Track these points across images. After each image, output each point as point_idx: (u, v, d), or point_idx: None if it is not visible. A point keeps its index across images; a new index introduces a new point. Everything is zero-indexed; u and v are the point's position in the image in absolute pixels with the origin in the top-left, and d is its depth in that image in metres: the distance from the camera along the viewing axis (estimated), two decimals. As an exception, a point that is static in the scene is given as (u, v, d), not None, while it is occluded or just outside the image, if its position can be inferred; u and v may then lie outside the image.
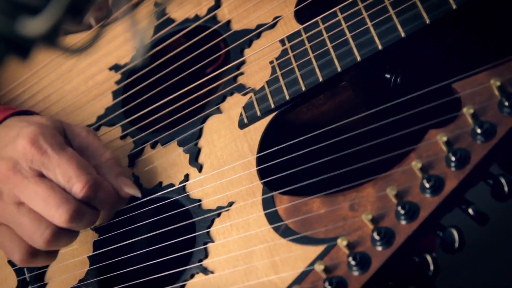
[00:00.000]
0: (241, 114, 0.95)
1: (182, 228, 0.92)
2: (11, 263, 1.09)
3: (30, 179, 0.90)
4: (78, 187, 0.90)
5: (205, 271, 0.86)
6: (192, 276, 0.87)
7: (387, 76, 0.91)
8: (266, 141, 0.91)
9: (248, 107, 0.95)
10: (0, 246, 0.96)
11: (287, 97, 0.91)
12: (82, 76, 1.15)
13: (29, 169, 0.90)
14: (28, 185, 0.90)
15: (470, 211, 0.71)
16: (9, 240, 0.93)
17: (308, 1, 0.96)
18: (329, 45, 0.90)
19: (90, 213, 0.92)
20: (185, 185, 0.95)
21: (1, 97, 1.19)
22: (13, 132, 0.93)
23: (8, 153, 0.91)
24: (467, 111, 0.71)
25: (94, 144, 0.97)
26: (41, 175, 0.90)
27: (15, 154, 0.91)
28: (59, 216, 0.89)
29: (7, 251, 0.95)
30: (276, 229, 0.82)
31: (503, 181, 0.70)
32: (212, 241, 0.88)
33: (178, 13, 1.11)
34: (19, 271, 1.07)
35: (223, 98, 0.98)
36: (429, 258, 0.71)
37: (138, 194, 0.96)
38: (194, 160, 0.96)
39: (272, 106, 0.92)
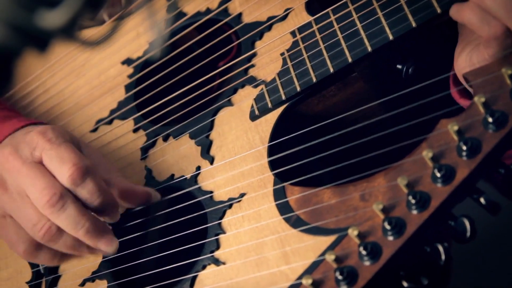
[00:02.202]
0: (252, 106, 0.95)
1: (194, 219, 0.92)
2: (25, 255, 1.10)
3: (26, 164, 0.89)
4: (65, 169, 0.86)
5: (217, 262, 0.86)
6: (204, 267, 0.87)
7: (399, 66, 0.91)
8: (277, 132, 0.91)
9: (259, 99, 0.95)
10: (5, 238, 0.95)
11: (298, 89, 0.91)
12: (95, 70, 1.16)
13: (30, 154, 0.90)
14: (23, 169, 0.88)
15: (482, 200, 0.71)
16: (14, 231, 0.92)
17: (319, -7, 0.96)
18: (340, 36, 0.90)
19: (74, 205, 0.87)
20: (197, 177, 0.95)
21: (17, 91, 1.20)
22: (27, 130, 0.95)
23: (15, 140, 0.92)
24: (478, 100, 0.71)
25: (106, 162, 0.97)
26: (40, 162, 0.89)
27: (21, 143, 0.91)
28: (40, 199, 0.86)
29: (12, 242, 0.93)
30: (287, 220, 0.82)
31: (515, 169, 0.69)
32: (224, 233, 0.88)
33: (189, 7, 1.11)
34: (33, 264, 1.08)
35: (234, 91, 0.98)
36: (440, 247, 0.70)
37: (157, 197, 0.95)
38: (206, 152, 0.96)
39: (283, 97, 0.92)
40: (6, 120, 1.01)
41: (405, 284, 0.72)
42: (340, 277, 0.71)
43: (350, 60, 0.88)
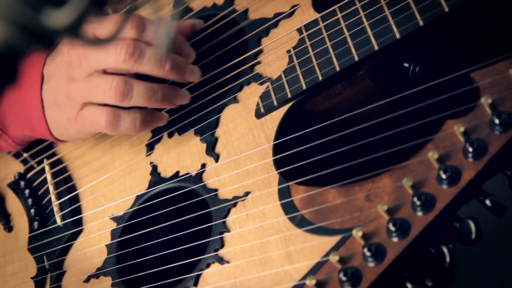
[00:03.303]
0: (258, 104, 0.94)
1: (199, 217, 0.92)
2: (31, 250, 1.10)
3: (88, 46, 0.90)
4: (128, 25, 0.92)
5: (221, 260, 0.86)
6: (208, 265, 0.87)
7: (406, 65, 0.90)
8: (282, 130, 0.91)
9: (265, 96, 0.94)
10: (88, 126, 0.98)
11: (304, 87, 0.91)
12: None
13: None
14: (88, 52, 0.93)
15: (488, 202, 0.70)
16: (92, 112, 0.96)
17: (326, -10, 0.95)
18: (347, 34, 0.89)
19: (149, 48, 0.92)
20: (201, 174, 0.95)
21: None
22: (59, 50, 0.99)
23: (62, 44, 0.97)
24: (485, 101, 0.70)
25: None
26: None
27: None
28: (117, 56, 0.91)
29: (94, 122, 0.96)
30: (291, 219, 0.82)
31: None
32: (228, 231, 0.88)
33: (196, 2, 1.11)
34: (38, 259, 1.08)
35: (240, 88, 0.98)
36: (445, 249, 0.70)
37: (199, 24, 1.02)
38: (211, 149, 0.96)
39: (289, 95, 0.92)
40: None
41: (409, 285, 0.71)
42: (344, 278, 0.71)
43: (356, 58, 0.87)
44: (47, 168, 1.14)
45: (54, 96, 0.99)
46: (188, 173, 0.97)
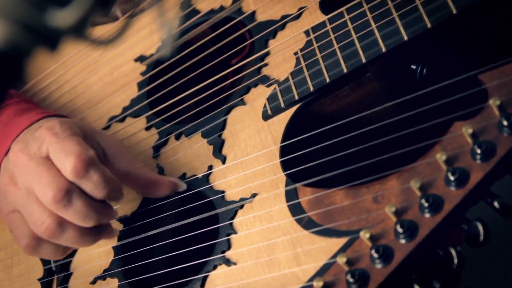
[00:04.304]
0: (265, 106, 0.94)
1: (206, 219, 0.92)
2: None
3: (33, 160, 0.89)
4: (70, 162, 0.85)
5: (228, 262, 0.86)
6: (215, 267, 0.87)
7: (413, 67, 0.90)
8: (290, 132, 0.91)
9: (272, 98, 0.94)
10: (12, 232, 0.95)
11: (311, 89, 0.91)
12: (108, 67, 1.16)
13: (37, 150, 0.90)
14: (30, 165, 0.88)
15: (496, 204, 0.70)
16: (19, 226, 0.92)
17: (333, -8, 0.95)
18: (354, 36, 0.89)
19: (80, 198, 0.87)
20: (208, 176, 0.95)
21: (29, 88, 1.20)
22: (39, 125, 0.95)
23: (25, 137, 0.93)
24: (493, 102, 0.70)
25: (123, 149, 0.97)
26: (47, 158, 0.89)
27: (30, 139, 0.92)
28: (46, 194, 0.85)
29: (17, 236, 0.94)
30: (299, 221, 0.82)
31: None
32: (235, 233, 0.88)
33: (203, 4, 1.11)
34: (45, 261, 1.08)
35: (247, 90, 0.98)
36: (453, 251, 0.70)
37: (182, 187, 0.96)
38: (218, 151, 0.96)
39: (296, 97, 0.92)
40: (24, 113, 1.01)
41: (417, 287, 0.71)
42: (351, 280, 0.71)
43: (364, 60, 0.87)
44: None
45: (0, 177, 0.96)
46: (195, 175, 0.97)
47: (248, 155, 0.92)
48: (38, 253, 0.94)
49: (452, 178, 0.70)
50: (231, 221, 0.89)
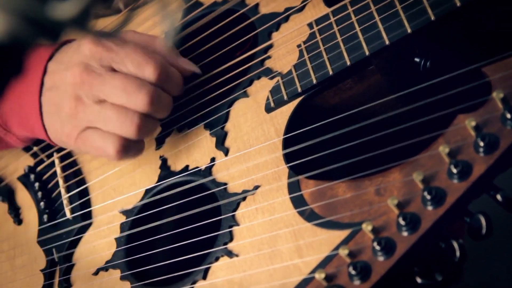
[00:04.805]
0: (268, 98, 0.94)
1: (208, 211, 0.92)
2: (40, 243, 1.11)
3: (104, 75, 0.94)
4: (150, 70, 0.93)
5: (230, 254, 0.86)
6: (217, 259, 0.87)
7: (417, 60, 0.90)
8: (292, 125, 0.90)
9: (275, 91, 0.94)
10: (90, 149, 0.98)
11: (314, 81, 0.91)
12: (111, 60, 1.16)
13: (100, 66, 0.95)
14: (104, 81, 0.94)
15: (499, 197, 0.70)
16: (100, 138, 0.96)
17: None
18: (357, 29, 0.89)
19: (166, 96, 0.95)
20: (211, 168, 0.95)
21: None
22: (74, 45, 0.99)
23: (76, 59, 0.97)
24: (497, 95, 0.70)
25: (143, 36, 1.00)
26: (113, 70, 0.95)
27: (83, 58, 0.96)
28: (140, 100, 0.92)
29: (100, 149, 0.96)
30: (301, 213, 0.82)
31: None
32: (237, 225, 0.88)
33: (206, -4, 1.11)
34: (48, 252, 1.08)
35: (250, 82, 0.98)
36: (455, 244, 0.70)
37: (197, 70, 1.00)
38: (221, 143, 0.96)
39: (299, 90, 0.92)
40: (36, 48, 1.02)
41: (418, 280, 0.71)
42: (353, 272, 0.71)
43: (367, 53, 0.87)
44: (57, 161, 1.14)
45: (56, 108, 0.99)
46: (197, 167, 0.97)
47: (251, 147, 0.92)
48: (127, 154, 0.97)
49: (455, 170, 0.70)
50: (233, 213, 0.89)
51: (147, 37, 1.00)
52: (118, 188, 1.06)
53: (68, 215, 1.09)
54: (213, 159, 0.96)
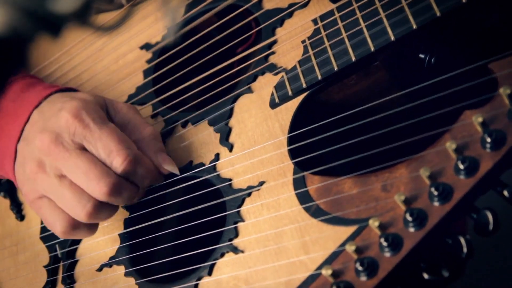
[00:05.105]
0: (272, 94, 0.94)
1: (213, 207, 0.92)
2: (43, 239, 1.10)
3: (71, 152, 0.91)
4: (118, 161, 0.91)
5: (235, 250, 0.86)
6: (222, 255, 0.87)
7: (421, 56, 0.90)
8: (297, 121, 0.90)
9: (279, 86, 0.94)
10: (42, 218, 0.97)
11: (319, 77, 0.91)
12: (113, 55, 1.16)
13: (71, 141, 0.92)
14: (70, 158, 0.91)
15: (506, 193, 0.70)
16: (51, 212, 0.94)
17: (341, -20, 0.95)
18: (363, 25, 0.89)
19: (129, 188, 0.93)
20: (215, 164, 0.95)
21: (33, 75, 1.20)
22: (57, 106, 0.96)
23: (51, 126, 0.94)
24: (503, 91, 0.70)
25: (135, 119, 0.98)
26: (83, 149, 0.92)
27: (57, 127, 0.93)
28: (99, 189, 0.90)
29: (49, 223, 0.96)
30: (307, 209, 0.82)
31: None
32: (243, 221, 0.88)
33: (209, -8, 1.10)
34: (51, 248, 1.08)
35: (254, 78, 0.98)
36: (462, 240, 0.70)
37: (176, 171, 0.97)
38: (225, 139, 0.96)
39: (304, 85, 0.92)
40: (30, 88, 1.02)
41: (425, 276, 0.71)
42: (360, 268, 0.71)
43: (372, 49, 0.87)
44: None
45: (23, 162, 0.97)
46: (201, 163, 0.97)
47: (255, 143, 0.92)
48: (74, 236, 0.97)
49: (461, 167, 0.70)
50: (238, 209, 0.89)
51: (137, 120, 0.98)
52: (121, 184, 1.05)
53: (71, 211, 1.09)
54: (217, 155, 0.96)
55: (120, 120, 0.97)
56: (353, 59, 0.88)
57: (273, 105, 0.94)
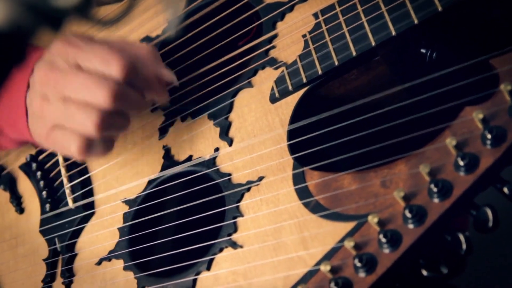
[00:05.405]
0: (272, 88, 0.94)
1: (212, 202, 0.91)
2: (43, 232, 1.10)
3: (68, 72, 0.91)
4: (115, 67, 0.89)
5: (234, 245, 0.86)
6: (221, 250, 0.87)
7: (423, 51, 0.89)
8: (297, 115, 0.90)
9: (279, 81, 0.94)
10: (58, 148, 0.97)
11: (320, 72, 0.90)
12: (114, 48, 1.15)
13: (65, 63, 0.92)
14: (67, 77, 0.91)
15: (505, 190, 0.70)
16: (63, 137, 0.93)
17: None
18: (364, 19, 0.88)
19: (133, 93, 0.91)
20: (215, 158, 0.95)
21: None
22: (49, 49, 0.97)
23: (44, 58, 0.95)
24: (504, 87, 0.69)
25: (130, 41, 0.98)
26: (79, 67, 0.92)
27: (50, 56, 0.94)
28: (102, 96, 0.89)
29: (64, 148, 0.94)
30: (306, 205, 0.82)
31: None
32: (242, 216, 0.87)
33: (210, -15, 1.10)
34: (50, 241, 1.08)
35: (254, 72, 0.97)
36: (461, 237, 0.69)
37: (175, 81, 0.97)
38: (225, 134, 0.95)
39: (304, 80, 0.91)
40: (32, 52, 1.02)
41: (424, 272, 0.71)
42: (359, 264, 0.71)
43: (373, 43, 0.86)
44: (59, 150, 1.14)
45: (31, 108, 0.98)
46: (201, 157, 0.96)
47: (255, 138, 0.92)
48: (89, 153, 0.94)
49: (461, 163, 0.70)
50: (237, 204, 0.88)
51: (127, 41, 0.97)
52: (121, 178, 1.05)
53: (71, 204, 1.09)
54: (217, 149, 0.95)
55: (115, 43, 0.96)
56: (354, 53, 0.88)
57: (273, 99, 0.93)
